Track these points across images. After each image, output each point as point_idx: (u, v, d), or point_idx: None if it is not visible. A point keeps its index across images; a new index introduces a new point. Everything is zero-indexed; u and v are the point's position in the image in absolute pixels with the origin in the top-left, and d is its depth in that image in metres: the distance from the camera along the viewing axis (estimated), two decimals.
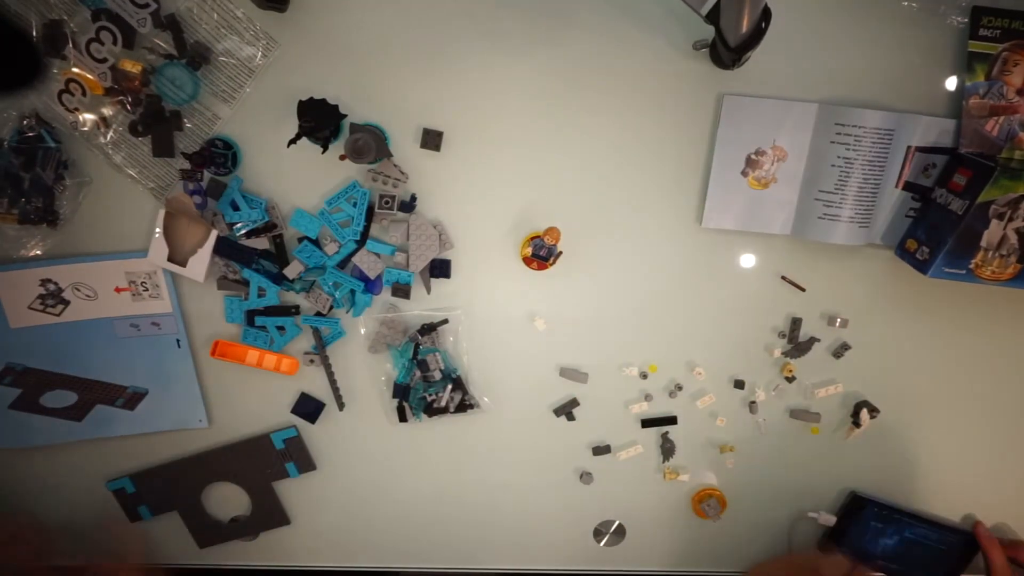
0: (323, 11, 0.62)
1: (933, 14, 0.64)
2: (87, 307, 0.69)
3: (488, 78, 0.65)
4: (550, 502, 0.80)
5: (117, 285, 0.68)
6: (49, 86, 0.62)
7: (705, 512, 0.79)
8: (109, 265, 0.68)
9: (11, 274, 0.67)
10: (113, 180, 0.66)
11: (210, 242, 0.66)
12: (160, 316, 0.70)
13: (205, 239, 0.66)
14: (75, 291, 0.68)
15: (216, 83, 0.64)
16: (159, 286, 0.69)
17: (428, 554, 0.82)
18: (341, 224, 0.68)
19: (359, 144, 0.58)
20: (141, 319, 0.70)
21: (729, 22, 0.54)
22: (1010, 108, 0.64)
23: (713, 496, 0.78)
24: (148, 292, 0.69)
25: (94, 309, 0.69)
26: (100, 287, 0.68)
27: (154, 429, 0.74)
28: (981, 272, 0.66)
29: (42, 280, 0.68)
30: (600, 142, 0.67)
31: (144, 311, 0.70)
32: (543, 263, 0.68)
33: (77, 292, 0.68)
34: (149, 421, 0.74)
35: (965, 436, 0.78)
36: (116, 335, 0.70)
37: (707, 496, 0.78)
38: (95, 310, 0.69)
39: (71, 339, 0.70)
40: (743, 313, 0.73)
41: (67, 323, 0.70)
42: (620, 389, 0.75)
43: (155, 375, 0.72)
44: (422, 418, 0.74)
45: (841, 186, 0.65)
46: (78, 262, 0.67)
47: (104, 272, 0.68)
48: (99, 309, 0.69)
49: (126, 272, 0.68)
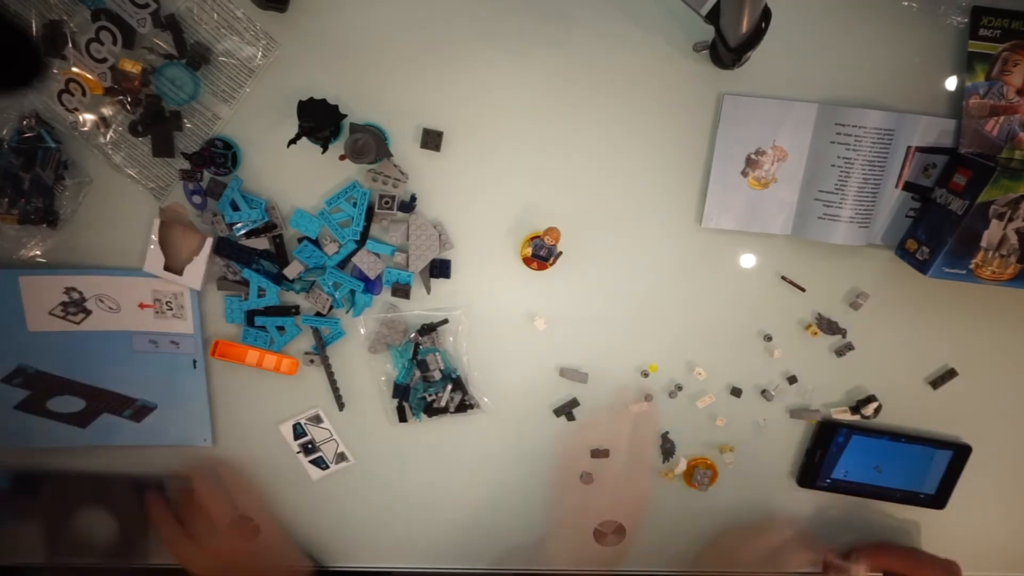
0: (323, 11, 0.62)
1: (933, 14, 0.64)
2: (108, 319, 0.69)
3: (488, 78, 0.65)
4: (550, 502, 0.79)
5: (142, 301, 0.69)
6: (49, 86, 0.62)
7: (697, 483, 0.78)
8: (137, 281, 0.68)
9: (37, 279, 0.67)
10: (113, 180, 0.66)
11: (206, 250, 0.66)
12: (180, 336, 0.70)
13: (201, 247, 0.66)
14: (98, 302, 0.68)
15: (216, 83, 0.63)
16: (184, 307, 0.69)
17: (428, 554, 0.81)
18: (341, 224, 0.68)
19: (359, 144, 0.58)
20: (161, 336, 0.70)
21: (729, 22, 0.54)
22: (1010, 108, 0.64)
23: (705, 465, 0.78)
24: (172, 312, 0.69)
25: (115, 322, 0.69)
26: (124, 301, 0.69)
27: (157, 443, 0.74)
28: (981, 272, 0.66)
29: (67, 288, 0.68)
30: (600, 142, 0.67)
31: (165, 329, 0.70)
32: (543, 263, 0.68)
33: (100, 303, 0.68)
34: (153, 435, 0.74)
35: (966, 436, 0.78)
36: (133, 349, 0.70)
37: (698, 465, 0.78)
38: (116, 323, 0.69)
39: (87, 348, 0.70)
40: (743, 313, 0.73)
41: (85, 332, 0.70)
42: (620, 389, 0.75)
43: (167, 391, 0.72)
44: (422, 418, 0.74)
45: (841, 186, 0.65)
46: (106, 274, 0.67)
47: (131, 287, 0.68)
48: (120, 322, 0.69)
49: (153, 290, 0.68)
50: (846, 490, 0.79)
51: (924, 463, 0.78)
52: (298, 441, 0.75)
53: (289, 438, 0.75)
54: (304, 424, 0.75)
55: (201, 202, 0.66)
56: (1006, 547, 0.85)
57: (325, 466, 0.77)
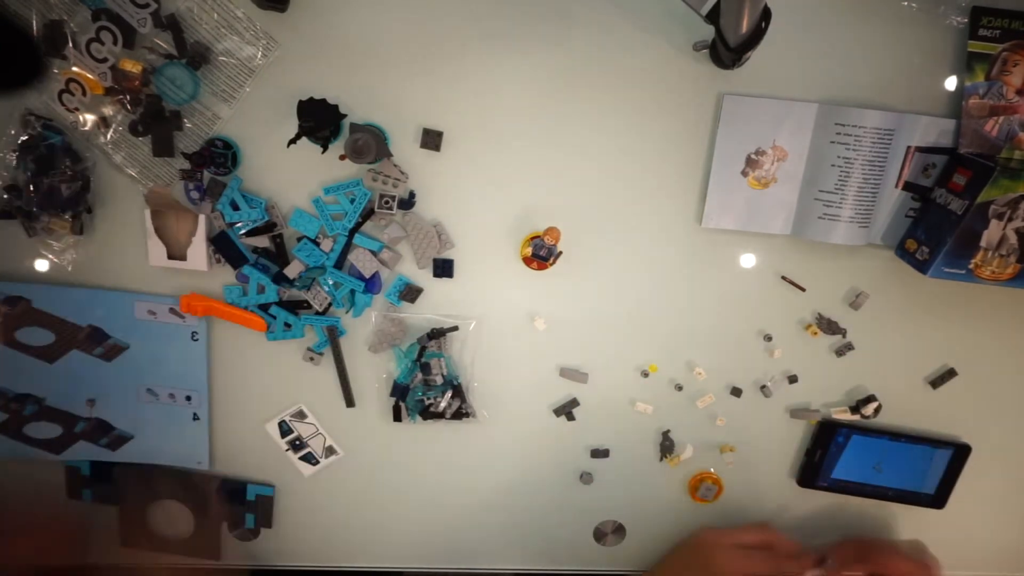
0: (323, 11, 0.62)
1: (933, 14, 0.64)
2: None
3: (488, 78, 0.65)
4: (550, 502, 0.80)
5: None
6: (49, 86, 0.62)
7: (704, 497, 0.79)
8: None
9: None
10: (113, 180, 0.66)
11: (202, 228, 0.66)
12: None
13: (196, 227, 0.66)
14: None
15: (216, 83, 0.64)
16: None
17: (427, 554, 0.81)
18: (334, 216, 0.67)
19: (359, 144, 0.58)
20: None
21: (729, 22, 0.54)
22: (1010, 108, 0.64)
23: (710, 480, 0.78)
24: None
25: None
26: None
27: (152, 461, 0.75)
28: (981, 272, 0.66)
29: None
30: (600, 142, 0.67)
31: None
32: (543, 263, 0.68)
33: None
34: (148, 454, 0.75)
35: (965, 436, 0.78)
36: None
37: (703, 480, 0.78)
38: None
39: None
40: (743, 313, 0.73)
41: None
42: (620, 389, 0.75)
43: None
44: (416, 419, 0.74)
45: (841, 186, 0.66)
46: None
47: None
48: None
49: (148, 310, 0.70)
50: (846, 490, 0.79)
51: (924, 463, 0.78)
52: (285, 439, 0.75)
53: (276, 436, 0.75)
54: (288, 421, 0.75)
55: (198, 197, 0.66)
56: (1006, 547, 0.85)
57: (315, 461, 0.76)
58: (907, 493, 0.78)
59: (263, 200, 0.67)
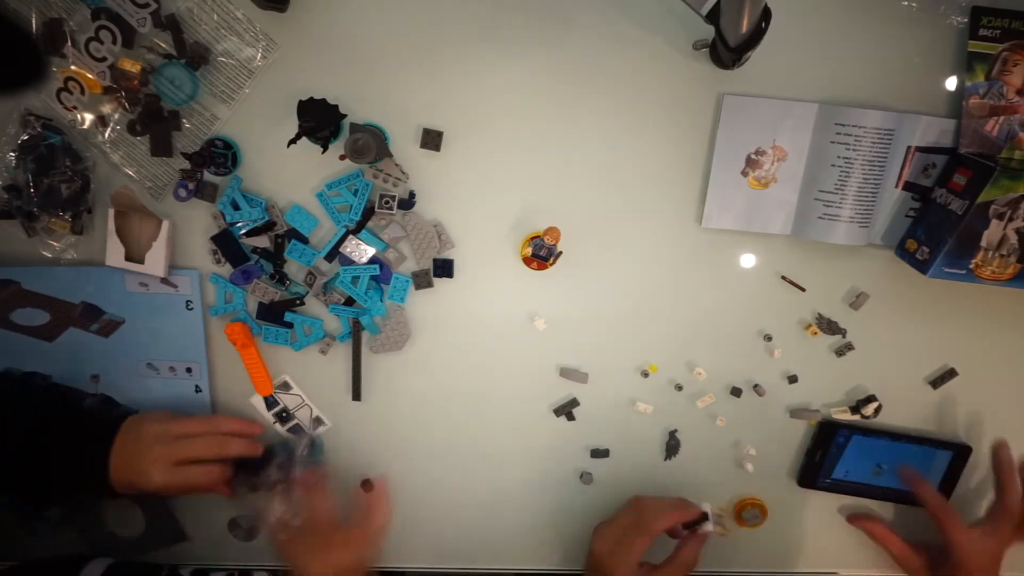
0: (323, 11, 0.62)
1: (933, 14, 0.64)
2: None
3: (488, 78, 0.65)
4: (550, 502, 0.79)
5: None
6: (48, 85, 0.62)
7: (747, 521, 0.80)
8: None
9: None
10: (113, 180, 0.66)
11: (163, 234, 0.66)
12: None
13: (158, 232, 0.66)
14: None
15: (215, 84, 0.63)
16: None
17: (428, 554, 0.81)
18: (339, 208, 0.67)
19: (359, 144, 0.58)
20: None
21: (729, 22, 0.54)
22: (1010, 108, 0.64)
23: (753, 505, 0.79)
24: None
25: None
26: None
27: None
28: (981, 272, 0.66)
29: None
30: (600, 142, 0.67)
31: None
32: (543, 263, 0.68)
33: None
34: None
35: (965, 436, 0.78)
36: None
37: (748, 506, 0.79)
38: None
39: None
40: (743, 313, 0.73)
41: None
42: (621, 389, 0.75)
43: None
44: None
45: (841, 186, 0.65)
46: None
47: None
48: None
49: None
50: (846, 490, 0.79)
51: (924, 463, 0.77)
52: (272, 411, 0.75)
53: (263, 409, 0.75)
54: (274, 393, 0.74)
55: (185, 195, 0.66)
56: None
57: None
58: (908, 494, 0.78)
59: (263, 200, 0.67)
